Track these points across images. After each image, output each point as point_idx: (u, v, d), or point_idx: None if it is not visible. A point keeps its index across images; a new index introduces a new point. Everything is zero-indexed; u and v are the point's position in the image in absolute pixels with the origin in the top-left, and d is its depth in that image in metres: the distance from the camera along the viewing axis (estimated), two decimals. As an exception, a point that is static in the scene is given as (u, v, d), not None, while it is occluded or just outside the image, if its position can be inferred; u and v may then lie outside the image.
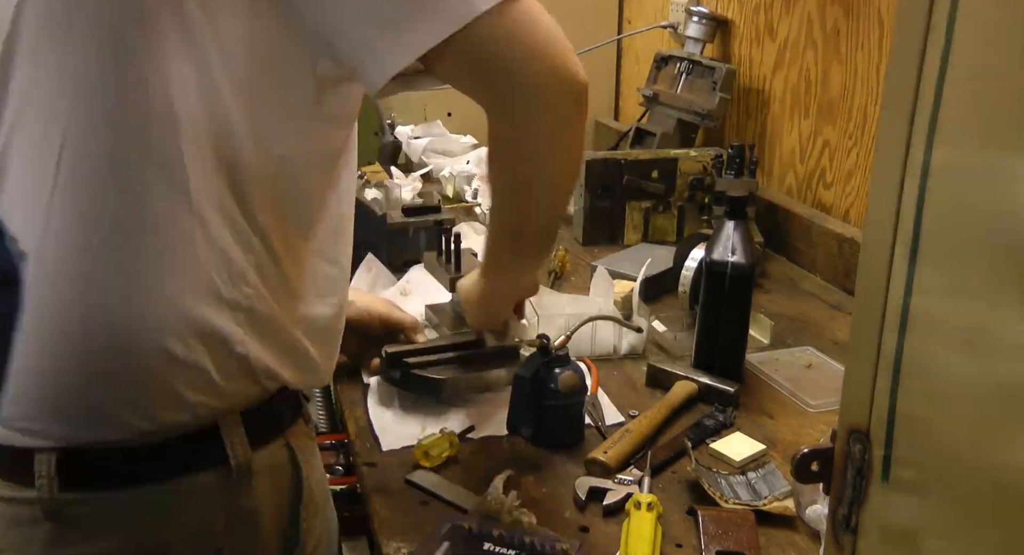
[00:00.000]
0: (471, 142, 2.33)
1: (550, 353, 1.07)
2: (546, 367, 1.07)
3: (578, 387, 1.08)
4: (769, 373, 1.27)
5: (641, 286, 1.36)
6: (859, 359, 0.49)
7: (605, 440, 1.07)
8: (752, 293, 1.21)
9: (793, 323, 1.46)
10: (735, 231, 1.19)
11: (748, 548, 0.88)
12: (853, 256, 1.58)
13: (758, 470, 1.02)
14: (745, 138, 1.99)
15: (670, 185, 1.81)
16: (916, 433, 0.46)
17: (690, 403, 1.19)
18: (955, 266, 0.44)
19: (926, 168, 0.44)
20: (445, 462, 1.03)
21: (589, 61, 2.42)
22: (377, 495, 0.99)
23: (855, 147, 1.66)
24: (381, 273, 1.50)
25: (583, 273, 1.66)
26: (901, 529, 0.48)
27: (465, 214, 1.96)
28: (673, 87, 2.05)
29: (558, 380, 1.06)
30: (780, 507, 0.94)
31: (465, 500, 0.96)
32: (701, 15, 2.02)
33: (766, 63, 1.92)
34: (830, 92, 1.72)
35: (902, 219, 0.45)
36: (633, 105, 2.41)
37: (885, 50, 1.56)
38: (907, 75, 0.44)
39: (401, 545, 0.90)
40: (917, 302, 0.45)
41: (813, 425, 1.14)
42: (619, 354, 1.32)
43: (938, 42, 0.42)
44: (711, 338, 1.22)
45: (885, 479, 0.48)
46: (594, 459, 1.02)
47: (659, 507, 0.91)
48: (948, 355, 0.44)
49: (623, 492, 0.96)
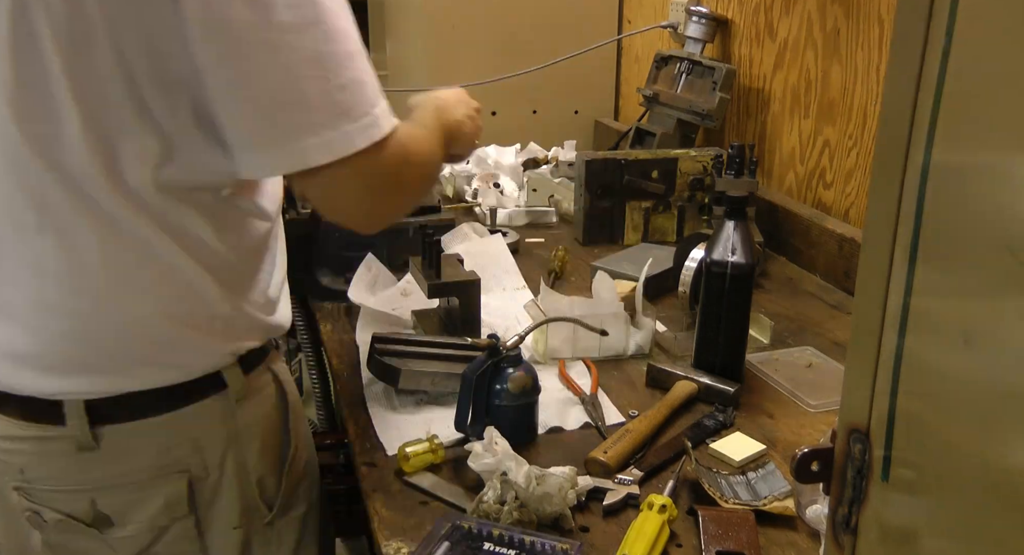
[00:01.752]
0: (471, 142, 2.33)
1: (499, 353, 1.07)
2: (496, 367, 1.07)
3: (529, 388, 1.08)
4: (769, 373, 1.27)
5: (644, 286, 1.36)
6: (859, 359, 0.49)
7: (605, 440, 1.07)
8: (752, 293, 1.21)
9: (793, 323, 1.46)
10: (735, 231, 1.19)
11: (748, 548, 0.88)
12: (853, 256, 1.58)
13: (758, 470, 1.02)
14: (745, 138, 1.99)
15: (670, 185, 1.81)
16: (916, 433, 0.46)
17: (690, 403, 1.19)
18: (955, 266, 0.43)
19: (926, 168, 0.44)
20: (440, 464, 1.04)
21: (589, 61, 2.44)
22: (377, 495, 0.99)
23: (855, 147, 1.66)
24: (381, 273, 1.50)
25: (583, 273, 1.66)
26: (901, 529, 0.48)
27: (465, 214, 1.96)
28: (673, 87, 2.05)
29: (508, 380, 1.07)
30: (780, 507, 0.94)
31: (464, 500, 0.96)
32: (701, 15, 2.02)
33: (766, 63, 1.92)
34: (830, 92, 1.72)
35: (902, 219, 0.45)
36: (633, 105, 2.41)
37: (885, 50, 1.56)
38: (907, 75, 0.44)
39: (401, 545, 0.90)
40: (917, 302, 0.45)
41: (813, 425, 1.14)
42: (627, 354, 1.33)
43: (938, 42, 0.42)
44: (711, 338, 1.22)
45: (885, 479, 0.48)
46: (594, 459, 1.02)
47: (673, 510, 0.91)
48: (948, 355, 0.44)
49: (623, 492, 0.96)
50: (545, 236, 1.90)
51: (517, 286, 1.58)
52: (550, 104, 2.57)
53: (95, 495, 0.94)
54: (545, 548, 0.86)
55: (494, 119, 2.52)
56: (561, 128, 2.55)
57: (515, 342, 1.10)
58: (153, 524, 0.96)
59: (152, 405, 0.93)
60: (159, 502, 0.96)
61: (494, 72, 2.31)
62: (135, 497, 0.95)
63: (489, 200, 2.00)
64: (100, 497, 0.94)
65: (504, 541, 0.87)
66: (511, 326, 1.38)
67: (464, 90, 1.23)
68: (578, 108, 2.62)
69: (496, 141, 2.31)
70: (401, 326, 1.40)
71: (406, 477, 1.01)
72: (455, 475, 1.02)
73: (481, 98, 1.25)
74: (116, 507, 0.95)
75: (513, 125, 2.51)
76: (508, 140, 2.33)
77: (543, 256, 1.74)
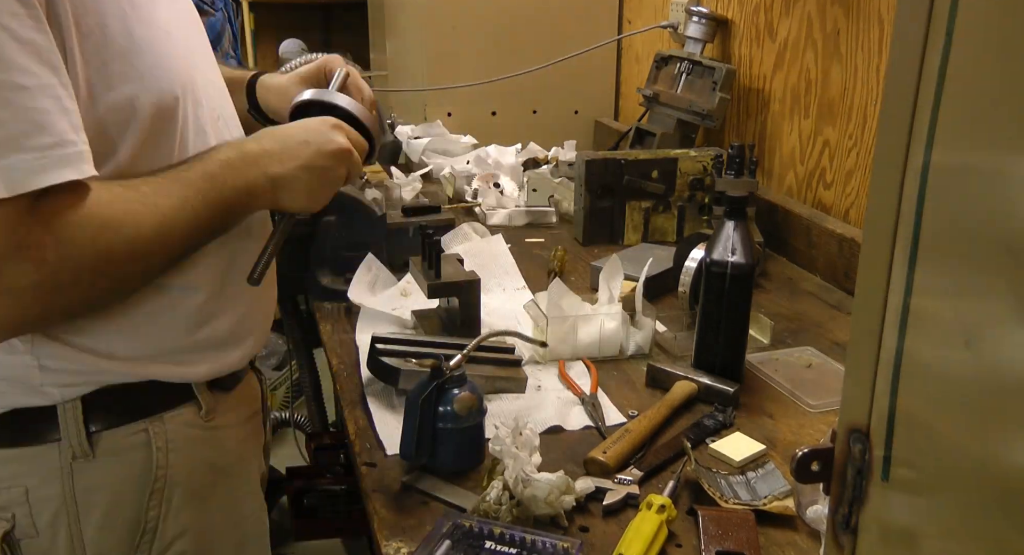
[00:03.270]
0: (471, 142, 2.34)
1: (443, 373, 1.01)
2: (440, 389, 1.01)
3: (476, 409, 1.03)
4: (769, 373, 1.27)
5: (644, 286, 1.36)
6: (859, 359, 0.49)
7: (605, 440, 1.07)
8: (752, 293, 1.21)
9: (793, 323, 1.46)
10: (735, 231, 1.19)
11: (748, 548, 0.88)
12: (853, 256, 1.58)
13: (758, 470, 1.02)
14: (745, 138, 1.99)
15: (670, 185, 1.81)
16: (916, 433, 0.46)
17: (690, 403, 1.19)
18: (955, 266, 0.43)
19: (926, 168, 0.44)
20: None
21: (589, 61, 2.44)
22: (377, 495, 0.99)
23: (855, 147, 1.66)
24: (381, 273, 1.50)
25: (583, 273, 1.66)
26: (901, 529, 0.48)
27: (465, 214, 1.96)
28: (673, 87, 2.05)
29: (454, 401, 1.01)
30: (780, 507, 0.94)
31: (464, 500, 0.96)
32: (701, 15, 2.02)
33: (766, 63, 1.92)
34: (830, 92, 1.72)
35: (902, 219, 0.45)
36: (633, 105, 2.41)
37: (885, 50, 1.56)
38: (907, 75, 0.44)
39: (401, 545, 0.90)
40: (917, 302, 0.45)
41: (813, 425, 1.14)
42: (626, 354, 1.33)
43: (938, 42, 0.42)
44: (711, 338, 1.22)
45: (885, 479, 0.48)
46: (593, 459, 1.02)
47: (672, 511, 0.91)
48: (948, 355, 0.44)
49: (622, 492, 0.96)
50: (545, 236, 1.90)
51: (517, 286, 1.58)
52: (550, 104, 2.57)
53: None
54: (546, 547, 0.86)
55: (494, 119, 2.52)
56: (561, 128, 2.55)
57: (458, 361, 1.03)
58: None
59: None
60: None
61: (494, 72, 2.31)
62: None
63: (489, 200, 2.00)
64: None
65: (505, 540, 0.87)
66: (511, 326, 1.38)
67: (334, 124, 1.00)
68: (578, 108, 2.62)
69: (496, 141, 2.31)
70: (401, 326, 1.40)
71: (405, 479, 1.01)
72: (455, 475, 1.02)
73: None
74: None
75: (513, 125, 2.51)
76: (508, 140, 2.34)
77: (543, 256, 1.74)
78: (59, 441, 0.85)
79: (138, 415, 0.90)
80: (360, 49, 3.43)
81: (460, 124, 2.46)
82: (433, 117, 2.46)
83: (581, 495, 0.95)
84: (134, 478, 0.90)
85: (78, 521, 0.87)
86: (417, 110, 2.53)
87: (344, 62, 1.18)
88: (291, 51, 3.85)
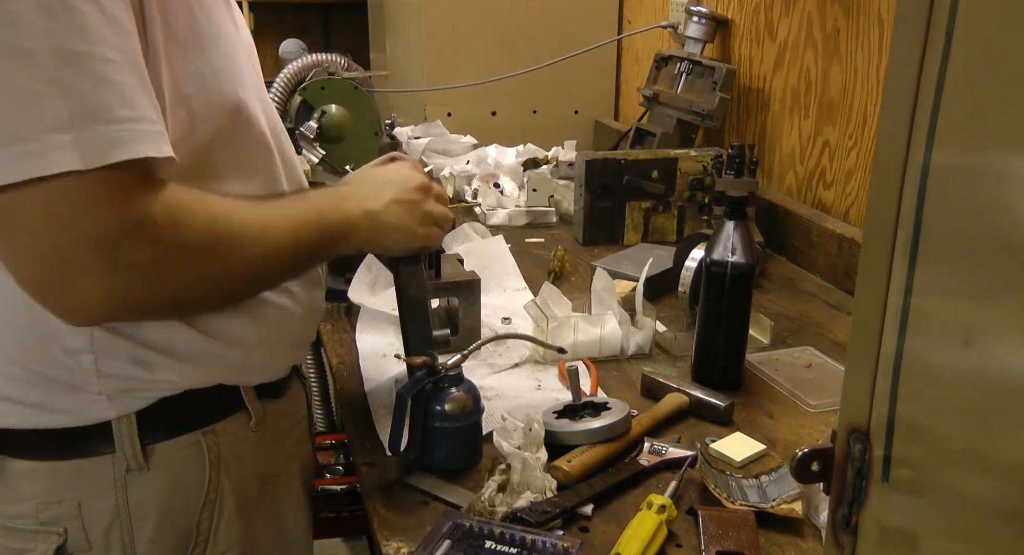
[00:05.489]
0: (471, 142, 2.34)
1: (437, 372, 1.01)
2: (434, 387, 1.01)
3: (470, 409, 1.02)
4: (769, 373, 1.27)
5: (644, 286, 1.36)
6: (859, 359, 0.49)
7: (575, 448, 1.03)
8: (752, 293, 1.21)
9: (793, 323, 1.46)
10: (735, 231, 1.19)
11: (748, 548, 0.88)
12: (853, 256, 1.58)
13: (771, 473, 1.01)
14: (745, 138, 1.99)
15: (670, 185, 1.81)
16: (916, 433, 0.46)
17: (681, 416, 1.15)
18: (955, 266, 0.43)
19: (926, 168, 0.44)
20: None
21: (589, 61, 2.44)
22: (377, 495, 0.99)
23: (855, 147, 1.66)
24: (381, 273, 1.50)
25: (583, 273, 1.66)
26: (901, 529, 0.48)
27: (465, 214, 1.96)
28: (673, 87, 2.05)
29: (447, 401, 1.00)
30: (786, 509, 0.94)
31: (463, 499, 0.96)
32: (701, 15, 2.02)
33: (766, 63, 1.92)
34: (830, 92, 1.72)
35: (902, 219, 0.45)
36: (633, 105, 2.41)
37: (885, 50, 1.56)
38: (907, 75, 0.44)
39: (401, 545, 0.90)
40: (917, 302, 0.45)
41: (813, 425, 1.14)
42: (627, 354, 1.33)
43: (938, 42, 0.42)
44: (711, 338, 1.22)
45: (885, 479, 0.48)
46: (557, 467, 1.00)
47: (672, 511, 0.90)
48: (948, 355, 0.44)
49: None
50: (545, 236, 1.90)
51: (517, 287, 1.58)
52: (550, 104, 2.57)
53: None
54: (546, 546, 0.86)
55: (494, 119, 2.52)
56: (561, 128, 2.55)
57: (457, 361, 1.02)
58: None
59: (34, 448, 0.83)
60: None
61: (494, 72, 2.31)
62: (18, 547, 0.86)
63: (489, 200, 2.00)
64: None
65: (505, 539, 0.87)
66: (510, 327, 1.38)
67: (415, 169, 1.04)
68: (578, 108, 2.62)
69: (496, 141, 2.31)
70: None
71: (405, 478, 1.01)
72: (455, 475, 1.02)
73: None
74: (5, 551, 0.86)
75: (513, 125, 2.51)
76: (508, 140, 2.34)
77: (543, 256, 1.74)
78: (112, 453, 0.84)
79: (191, 426, 0.89)
80: (360, 49, 3.42)
81: (460, 124, 2.47)
82: (433, 117, 2.46)
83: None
84: (187, 490, 0.89)
85: (131, 533, 0.86)
86: (417, 110, 2.53)
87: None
88: (291, 51, 3.85)
